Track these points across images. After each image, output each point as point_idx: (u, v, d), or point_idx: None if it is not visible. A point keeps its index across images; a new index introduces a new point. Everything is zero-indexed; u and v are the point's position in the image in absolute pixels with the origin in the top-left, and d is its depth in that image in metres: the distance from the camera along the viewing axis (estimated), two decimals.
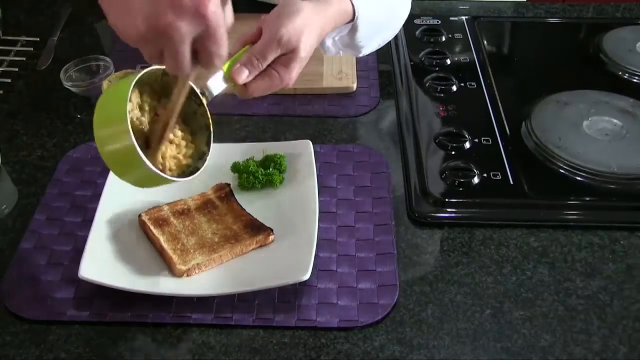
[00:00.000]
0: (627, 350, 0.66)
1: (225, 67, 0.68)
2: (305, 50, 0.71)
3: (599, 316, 0.69)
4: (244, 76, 0.69)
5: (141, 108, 0.65)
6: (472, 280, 0.73)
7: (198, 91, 0.67)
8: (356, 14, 0.78)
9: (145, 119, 0.65)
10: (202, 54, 0.59)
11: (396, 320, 0.68)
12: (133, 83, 0.61)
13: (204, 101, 0.68)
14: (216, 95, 0.68)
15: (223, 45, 0.59)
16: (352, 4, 0.77)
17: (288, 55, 0.70)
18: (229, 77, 0.68)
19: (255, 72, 0.70)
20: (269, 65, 0.70)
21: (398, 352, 0.66)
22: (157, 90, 0.67)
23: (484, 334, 0.67)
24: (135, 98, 0.64)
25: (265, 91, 0.71)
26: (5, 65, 1.07)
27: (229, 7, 0.63)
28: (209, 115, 0.69)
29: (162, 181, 0.64)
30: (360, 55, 0.91)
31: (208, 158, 0.69)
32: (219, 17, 0.57)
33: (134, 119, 0.64)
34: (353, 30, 0.80)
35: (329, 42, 0.84)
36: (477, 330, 0.67)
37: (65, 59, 1.02)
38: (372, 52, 1.08)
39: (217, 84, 0.68)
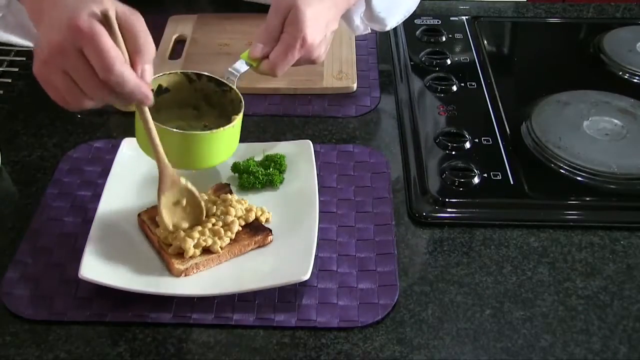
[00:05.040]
0: (627, 350, 0.66)
1: (243, 54, 0.78)
2: (304, 3, 0.74)
3: (599, 316, 0.69)
4: (259, 49, 0.75)
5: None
6: (472, 280, 0.73)
7: (224, 79, 0.76)
8: None
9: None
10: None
11: (396, 320, 0.68)
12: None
13: (232, 85, 0.76)
14: (239, 77, 0.76)
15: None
16: None
17: (291, 13, 0.74)
18: (247, 58, 0.76)
19: (269, 43, 0.75)
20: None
21: (398, 352, 0.65)
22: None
23: (484, 334, 0.67)
24: None
25: (285, 58, 0.75)
26: (5, 65, 1.07)
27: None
28: (238, 92, 0.75)
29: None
30: (387, 29, 0.95)
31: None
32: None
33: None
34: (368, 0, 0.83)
35: (357, 21, 0.89)
36: (477, 330, 0.67)
37: None
38: (374, 50, 1.08)
39: (237, 67, 0.76)
